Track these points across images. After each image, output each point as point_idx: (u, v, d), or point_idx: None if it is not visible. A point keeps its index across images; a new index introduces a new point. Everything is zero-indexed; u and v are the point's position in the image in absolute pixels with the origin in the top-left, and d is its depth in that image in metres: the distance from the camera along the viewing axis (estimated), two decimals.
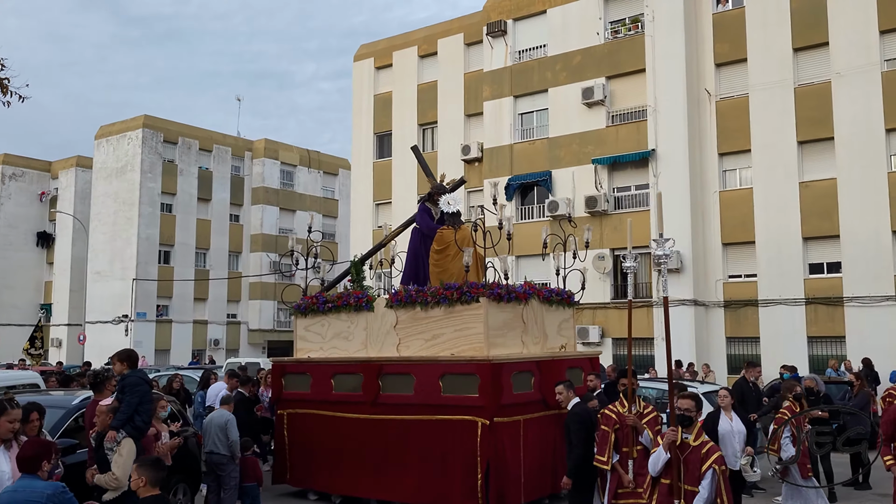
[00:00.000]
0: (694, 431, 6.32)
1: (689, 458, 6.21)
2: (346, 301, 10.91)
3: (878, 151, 22.69)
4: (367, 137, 34.68)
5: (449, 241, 10.91)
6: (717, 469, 6.10)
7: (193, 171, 45.16)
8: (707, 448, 6.22)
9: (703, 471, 6.09)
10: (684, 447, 6.27)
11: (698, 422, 6.40)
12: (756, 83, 24.73)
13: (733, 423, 8.54)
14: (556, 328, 11.11)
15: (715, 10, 25.92)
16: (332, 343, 11.09)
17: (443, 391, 9.48)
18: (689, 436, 6.29)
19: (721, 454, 6.27)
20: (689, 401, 6.37)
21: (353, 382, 10.41)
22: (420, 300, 10.12)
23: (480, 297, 9.66)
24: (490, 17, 30.02)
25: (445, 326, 9.88)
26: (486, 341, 9.54)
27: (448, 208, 11.17)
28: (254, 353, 42.92)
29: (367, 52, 35.53)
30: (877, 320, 22.18)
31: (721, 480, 6.09)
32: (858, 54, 23.15)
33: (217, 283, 45.46)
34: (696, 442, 6.29)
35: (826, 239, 23.46)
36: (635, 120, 26.16)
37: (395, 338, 10.36)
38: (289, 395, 11.28)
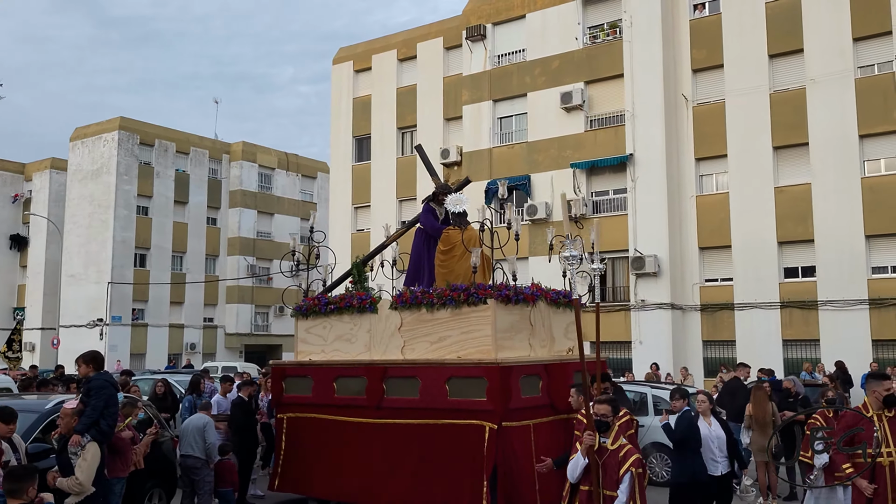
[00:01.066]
0: (611, 435, 6.28)
1: (608, 463, 6.17)
2: (350, 302, 10.64)
3: (851, 157, 22.99)
4: (346, 141, 34.60)
5: (455, 242, 10.68)
6: (634, 472, 6.04)
7: (170, 174, 44.79)
8: (625, 451, 6.17)
9: (622, 475, 6.04)
10: (602, 452, 6.23)
11: (616, 425, 6.38)
12: (732, 89, 24.97)
13: (712, 429, 8.49)
14: (563, 331, 10.94)
15: (692, 17, 26.16)
16: (335, 345, 10.84)
17: (449, 395, 9.27)
18: (607, 440, 6.26)
19: (639, 457, 6.20)
20: (605, 406, 6.35)
21: (356, 386, 10.17)
22: (426, 302, 9.89)
23: (488, 299, 9.46)
24: (469, 22, 30.09)
25: (452, 328, 9.68)
26: (494, 344, 9.35)
27: (454, 208, 10.88)
28: (231, 357, 42.62)
29: (346, 56, 35.46)
30: (850, 324, 22.46)
31: (636, 483, 6.03)
32: (832, 61, 23.45)
33: (194, 286, 45.09)
34: (613, 446, 6.23)
35: (801, 243, 23.73)
36: (613, 125, 26.31)
37: (400, 340, 10.14)
38: (289, 399, 11.00)
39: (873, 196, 22.63)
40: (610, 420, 6.32)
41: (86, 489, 6.98)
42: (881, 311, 22.31)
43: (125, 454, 8.07)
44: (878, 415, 6.93)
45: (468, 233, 10.67)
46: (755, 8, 24.80)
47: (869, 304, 22.47)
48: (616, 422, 6.43)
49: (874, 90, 22.89)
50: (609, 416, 6.33)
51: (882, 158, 22.95)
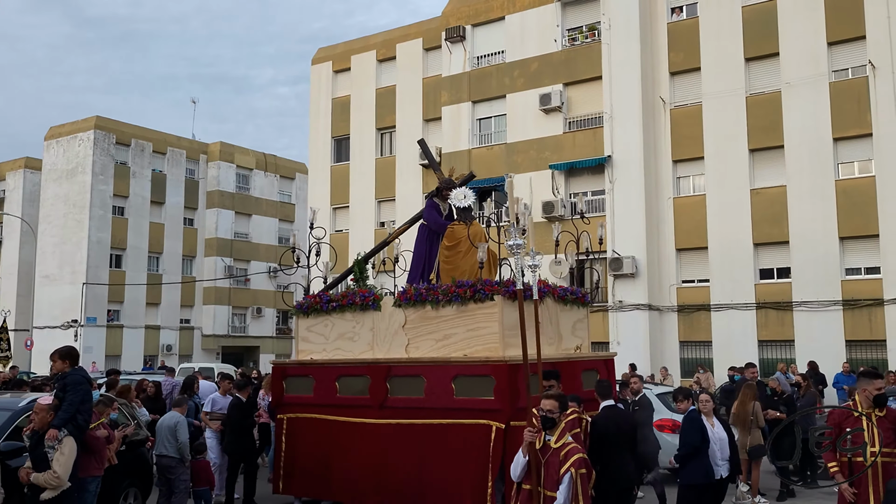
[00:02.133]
0: (556, 433, 6.01)
1: (550, 461, 5.91)
2: (352, 300, 10.35)
3: (826, 160, 23.28)
4: (325, 141, 34.51)
5: (461, 237, 10.41)
6: (574, 472, 5.76)
7: (146, 174, 44.41)
8: (567, 450, 5.89)
9: (561, 474, 5.76)
10: (546, 450, 5.97)
11: (562, 423, 6.12)
12: (709, 92, 25.21)
13: (714, 430, 8.22)
14: (570, 328, 10.71)
15: (670, 20, 26.37)
16: (336, 344, 10.57)
17: (455, 394, 9.04)
18: (551, 438, 5.99)
19: (581, 456, 5.89)
20: (551, 401, 6.08)
21: (359, 385, 9.94)
22: (431, 299, 9.62)
23: (495, 296, 9.20)
24: (449, 23, 30.13)
25: (457, 326, 9.45)
26: (502, 341, 9.09)
27: (460, 203, 10.56)
28: (207, 359, 42.29)
29: (325, 56, 35.37)
30: (824, 324, 22.73)
31: (579, 484, 5.76)
32: (807, 65, 23.74)
33: (170, 287, 44.72)
34: (557, 444, 5.95)
35: (776, 245, 23.98)
36: (592, 126, 26.46)
37: (404, 338, 9.89)
38: (290, 399, 10.74)
39: (847, 199, 22.93)
40: (556, 416, 6.07)
41: (63, 483, 6.94)
42: (854, 312, 22.60)
43: (100, 453, 7.99)
44: (868, 413, 6.83)
45: (474, 228, 10.42)
46: (732, 12, 25.05)
47: (842, 305, 22.76)
48: (563, 419, 6.18)
49: (848, 94, 23.20)
50: (555, 412, 6.07)
51: (855, 161, 23.27)
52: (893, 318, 22.10)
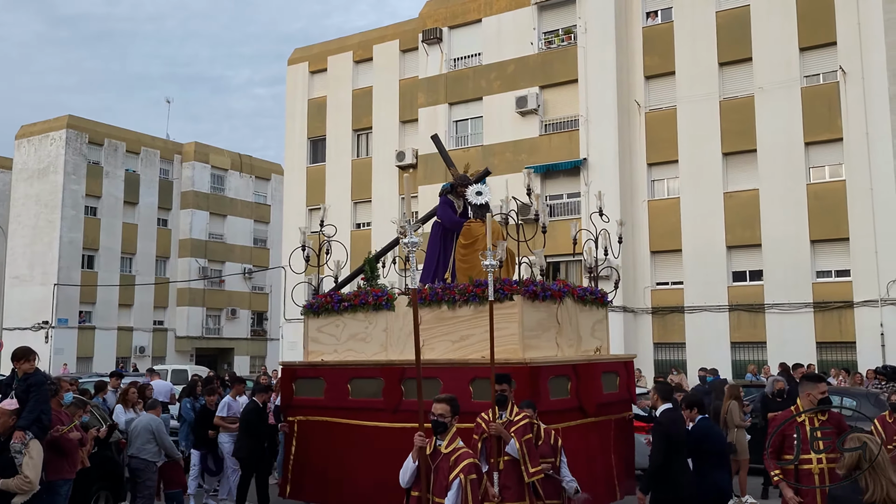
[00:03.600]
0: (447, 437, 5.76)
1: (440, 467, 5.68)
2: (365, 300, 9.97)
3: (797, 164, 23.59)
4: (301, 142, 34.37)
5: (477, 235, 10.02)
6: (464, 478, 5.52)
7: (120, 174, 43.94)
8: (457, 455, 5.65)
9: (450, 481, 5.54)
10: (436, 455, 5.74)
11: (454, 427, 5.84)
12: (683, 96, 25.45)
13: None
14: (589, 329, 10.37)
15: (645, 24, 26.60)
16: (348, 345, 10.21)
17: (473, 397, 8.59)
18: (442, 442, 5.75)
19: (471, 462, 5.62)
20: (443, 405, 5.83)
21: (372, 388, 9.58)
22: (447, 298, 9.27)
23: (514, 295, 8.86)
24: (426, 25, 30.15)
25: (475, 327, 9.05)
26: (522, 343, 8.77)
27: (476, 199, 10.26)
28: (181, 361, 41.90)
29: (301, 56, 35.24)
30: (795, 326, 23.03)
31: (469, 490, 5.53)
32: (780, 70, 24.05)
33: (143, 288, 44.27)
34: (447, 449, 5.71)
35: (748, 248, 24.26)
36: (568, 129, 26.60)
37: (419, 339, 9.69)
38: (299, 402, 10.35)
39: (818, 202, 23.25)
40: (448, 420, 5.80)
41: (34, 487, 6.83)
42: (824, 314, 22.92)
43: (72, 455, 7.90)
44: (811, 418, 6.68)
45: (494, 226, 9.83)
46: (706, 17, 25.33)
47: (813, 307, 23.07)
48: (454, 423, 5.86)
49: (819, 99, 23.54)
50: (447, 416, 5.80)
51: (826, 165, 23.61)
52: (863, 320, 22.45)
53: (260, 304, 49.26)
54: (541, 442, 7.49)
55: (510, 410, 7.49)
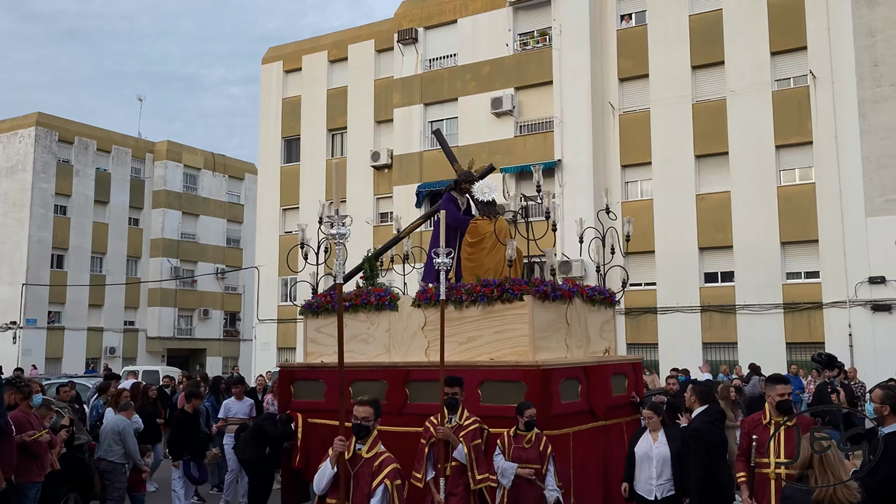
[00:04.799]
0: (368, 442, 5.53)
1: (361, 473, 5.42)
2: (367, 299, 9.66)
3: (768, 166, 23.89)
4: (275, 141, 34.16)
5: (484, 233, 9.76)
6: (390, 484, 5.30)
7: (90, 173, 43.36)
8: (380, 460, 5.42)
9: (374, 487, 5.30)
10: (356, 460, 5.47)
11: (376, 431, 5.62)
12: (657, 98, 25.66)
13: (655, 445, 7.49)
14: (598, 330, 10.15)
15: (619, 27, 26.78)
16: (349, 346, 9.52)
17: (482, 400, 8.36)
18: (363, 447, 5.50)
19: (396, 467, 5.40)
20: (366, 408, 5.58)
21: (375, 390, 9.08)
22: (454, 298, 8.94)
23: (524, 295, 8.60)
24: (401, 25, 30.11)
25: (483, 328, 8.84)
26: (532, 344, 8.49)
27: (483, 196, 9.95)
28: (152, 362, 41.47)
29: (275, 55, 35.04)
30: (766, 327, 23.31)
31: (395, 496, 5.35)
32: (751, 73, 24.34)
33: (114, 289, 43.73)
34: (369, 454, 5.47)
35: (720, 249, 24.51)
36: (542, 131, 26.72)
37: (424, 340, 9.21)
38: (298, 405, 9.95)
39: (788, 204, 23.56)
40: (371, 424, 5.55)
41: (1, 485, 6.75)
42: (794, 315, 23.22)
43: (41, 458, 7.80)
44: (776, 422, 6.49)
45: (499, 224, 9.76)
46: (679, 21, 25.56)
47: (783, 308, 23.37)
48: (377, 426, 5.62)
49: (790, 102, 23.85)
50: (370, 419, 5.55)
51: (796, 168, 23.92)
52: (831, 320, 22.77)
53: (233, 304, 48.89)
54: (530, 445, 7.32)
55: (460, 415, 7.31)
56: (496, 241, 9.56)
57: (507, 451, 7.33)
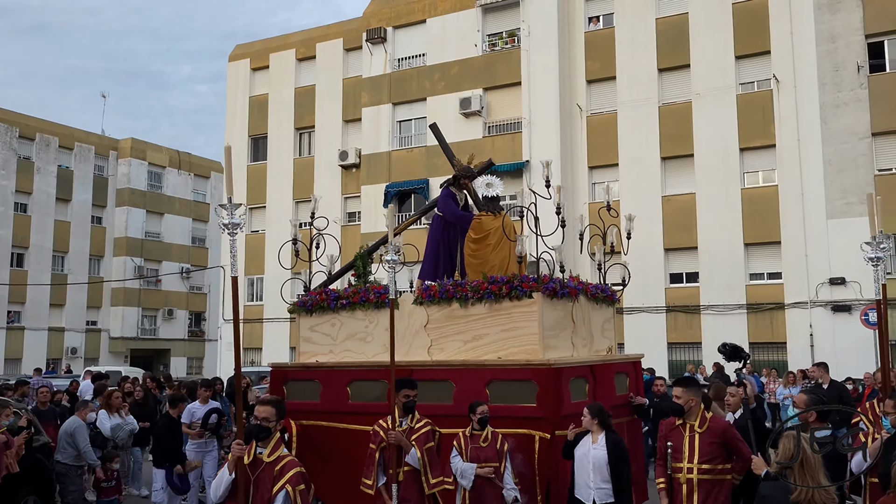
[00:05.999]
0: (270, 445, 5.19)
1: (262, 478, 5.10)
2: (365, 297, 9.34)
3: (732, 169, 24.21)
4: (242, 140, 33.83)
5: (489, 230, 9.51)
6: (292, 490, 4.98)
7: (52, 170, 42.59)
8: (282, 464, 5.11)
9: (275, 493, 5.00)
10: (257, 465, 5.14)
11: (277, 433, 5.28)
12: (624, 100, 25.88)
13: (593, 448, 7.12)
14: (600, 329, 10.01)
15: (587, 29, 26.97)
16: (346, 345, 9.51)
17: (490, 400, 8.07)
18: (264, 450, 5.17)
19: (299, 471, 5.10)
20: (268, 408, 5.25)
21: (375, 391, 8.90)
22: (459, 296, 8.71)
23: (534, 293, 8.39)
24: (370, 24, 30.02)
25: (490, 326, 8.58)
26: (542, 343, 8.26)
27: (488, 191, 9.71)
28: (115, 362, 40.83)
29: (242, 53, 34.72)
30: (729, 327, 23.59)
31: (298, 501, 5.08)
32: (716, 77, 24.65)
33: (76, 288, 42.98)
34: (270, 458, 5.14)
35: (685, 250, 24.78)
36: (511, 131, 26.80)
37: (426, 339, 8.95)
38: (292, 406, 9.34)
39: (752, 206, 23.90)
40: (272, 425, 5.20)
41: None
42: (757, 316, 23.57)
43: None
44: (691, 425, 6.38)
45: (506, 220, 9.52)
46: (646, 24, 25.81)
47: (746, 308, 23.70)
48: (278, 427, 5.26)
49: (753, 106, 24.20)
50: (272, 420, 5.21)
51: (760, 171, 24.28)
52: (793, 321, 23.15)
53: (198, 304, 48.34)
54: (487, 444, 7.24)
55: (411, 417, 7.18)
56: (501, 237, 9.39)
57: (464, 451, 7.24)
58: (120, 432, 10.21)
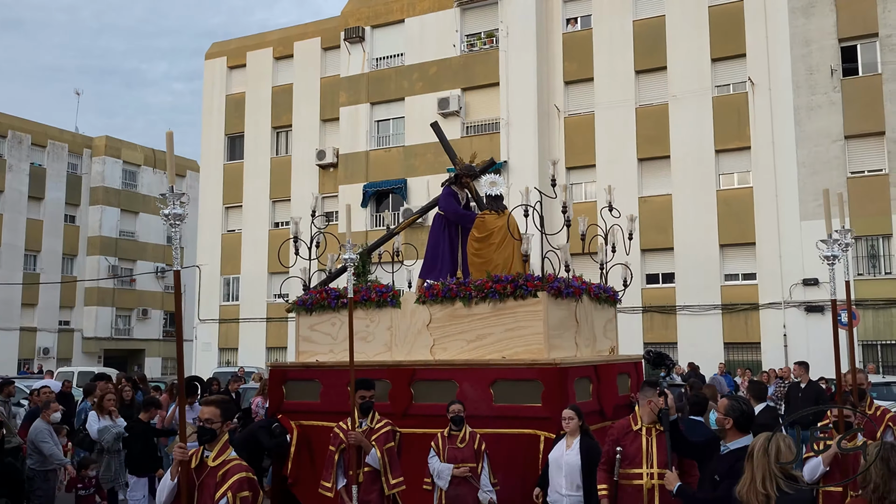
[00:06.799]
0: (216, 448, 4.82)
1: (206, 483, 4.75)
2: (367, 296, 9.26)
3: (708, 170, 24.41)
4: (218, 138, 33.58)
5: (493, 228, 9.45)
6: (232, 496, 4.61)
7: (24, 168, 41.97)
8: (226, 469, 4.72)
9: (217, 498, 4.65)
10: (202, 469, 4.79)
11: (224, 435, 4.90)
12: (601, 102, 26.00)
13: (567, 453, 6.90)
14: (602, 329, 10.00)
15: (565, 30, 27.06)
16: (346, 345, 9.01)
17: (494, 400, 8.08)
18: (210, 453, 4.81)
19: (244, 476, 4.69)
20: (212, 408, 4.86)
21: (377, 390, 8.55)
22: (462, 295, 8.65)
23: (539, 292, 8.33)
24: (348, 23, 29.91)
25: (494, 325, 8.53)
26: (547, 342, 8.21)
27: (491, 190, 9.61)
28: (88, 363, 40.32)
29: (219, 51, 34.45)
30: (705, 327, 23.81)
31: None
32: (692, 79, 24.84)
33: (48, 287, 42.40)
34: (215, 462, 4.77)
35: (662, 251, 24.94)
36: (489, 132, 26.83)
37: (429, 339, 8.86)
38: (291, 406, 9.44)
39: (727, 208, 24.11)
40: (217, 427, 4.83)
41: None
42: (732, 316, 23.78)
43: None
44: (648, 428, 6.11)
45: (511, 218, 9.47)
46: (623, 26, 25.94)
47: (721, 309, 23.91)
48: (226, 428, 4.92)
49: (729, 108, 24.41)
50: (216, 420, 4.82)
51: (735, 172, 24.50)
52: (767, 321, 23.38)
53: (173, 304, 47.65)
54: (464, 444, 7.21)
55: (371, 417, 7.11)
56: (505, 236, 9.35)
57: (441, 452, 7.22)
58: (106, 434, 9.98)
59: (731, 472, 4.74)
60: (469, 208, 10.15)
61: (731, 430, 5.06)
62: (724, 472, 4.90)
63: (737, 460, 4.63)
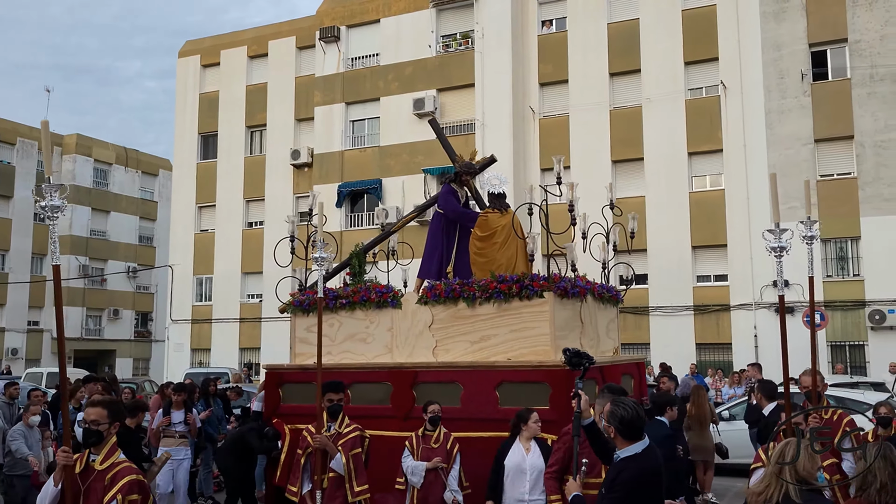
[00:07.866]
0: (103, 451, 4.58)
1: (92, 488, 4.51)
2: (366, 296, 9.08)
3: (680, 172, 24.64)
4: (191, 137, 33.29)
5: (496, 227, 9.31)
6: (122, 499, 4.40)
7: None
8: (116, 471, 4.50)
9: (106, 503, 4.43)
10: (88, 473, 4.54)
11: (112, 437, 4.66)
12: (576, 104, 26.14)
13: (528, 457, 6.76)
14: (605, 329, 9.89)
15: (540, 32, 27.18)
16: (345, 346, 9.23)
17: (500, 403, 7.93)
18: (97, 457, 4.57)
19: (133, 479, 4.48)
20: (98, 409, 4.64)
21: (378, 393, 8.68)
22: (466, 295, 8.50)
23: (545, 292, 8.18)
24: (323, 22, 29.80)
25: (498, 326, 8.38)
26: (553, 343, 8.07)
27: (494, 188, 9.50)
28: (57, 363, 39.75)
29: (192, 49, 34.16)
30: (677, 328, 24.02)
31: None
32: (666, 82, 25.06)
33: (17, 287, 41.74)
34: (103, 465, 4.54)
35: (635, 252, 25.06)
36: (464, 133, 26.85)
37: (431, 340, 8.72)
38: (288, 409, 9.24)
39: (699, 210, 24.35)
40: (104, 429, 4.61)
41: None
42: (704, 317, 24.02)
43: None
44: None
45: (514, 217, 9.35)
46: (598, 28, 26.11)
47: (693, 310, 24.14)
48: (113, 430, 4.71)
49: (701, 111, 24.66)
50: (103, 422, 4.61)
51: (707, 175, 24.76)
52: (738, 322, 23.65)
53: (145, 304, 47.37)
54: (438, 445, 7.23)
55: (340, 422, 7.02)
56: (508, 234, 9.19)
57: (415, 452, 7.26)
58: None
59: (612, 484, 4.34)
60: (468, 206, 10.01)
61: (618, 438, 4.52)
62: (608, 483, 4.43)
63: (621, 471, 4.31)
